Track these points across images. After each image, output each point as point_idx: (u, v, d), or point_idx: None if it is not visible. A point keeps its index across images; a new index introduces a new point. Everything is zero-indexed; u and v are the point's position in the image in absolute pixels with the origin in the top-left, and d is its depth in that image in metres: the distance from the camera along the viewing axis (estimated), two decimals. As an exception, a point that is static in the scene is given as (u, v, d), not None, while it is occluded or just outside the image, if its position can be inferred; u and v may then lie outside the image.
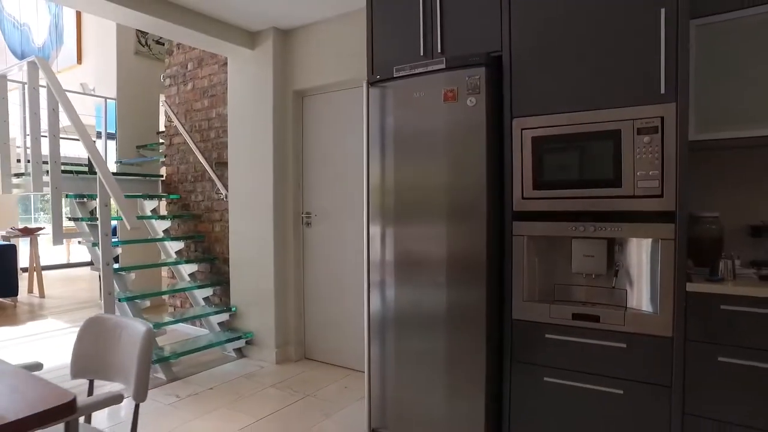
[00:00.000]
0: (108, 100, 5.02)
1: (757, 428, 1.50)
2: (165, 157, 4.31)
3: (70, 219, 3.60)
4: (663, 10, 1.59)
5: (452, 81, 1.88)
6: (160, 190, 4.35)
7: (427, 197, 1.97)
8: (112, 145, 5.11)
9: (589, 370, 1.74)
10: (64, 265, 8.59)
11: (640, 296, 1.70)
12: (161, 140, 5.16)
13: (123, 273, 3.36)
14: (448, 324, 1.94)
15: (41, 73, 3.40)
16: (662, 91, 1.60)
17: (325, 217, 3.30)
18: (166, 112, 4.27)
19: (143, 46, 5.09)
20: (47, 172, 3.69)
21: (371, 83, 2.07)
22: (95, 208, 3.75)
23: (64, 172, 3.69)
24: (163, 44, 5.25)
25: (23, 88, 4.21)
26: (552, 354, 1.81)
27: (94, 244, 3.55)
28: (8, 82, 3.85)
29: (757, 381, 1.50)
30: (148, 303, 3.66)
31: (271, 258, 3.29)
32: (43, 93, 3.55)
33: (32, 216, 10.05)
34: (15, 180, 4.01)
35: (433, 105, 1.93)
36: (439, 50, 2.04)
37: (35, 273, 5.76)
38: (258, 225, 3.36)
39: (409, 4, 2.12)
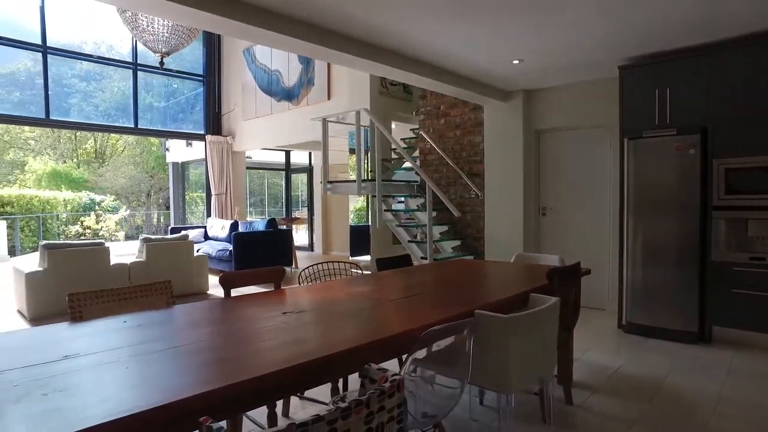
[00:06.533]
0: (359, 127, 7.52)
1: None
2: (420, 168, 6.70)
3: (386, 210, 6.06)
4: (800, 111, 3.56)
5: (681, 140, 3.96)
6: (416, 191, 6.75)
7: (663, 201, 4.06)
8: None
9: (760, 285, 3.75)
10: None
11: (786, 247, 3.68)
12: (394, 156, 7.58)
13: (433, 244, 5.76)
14: (677, 264, 4.02)
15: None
16: (799, 148, 3.57)
17: (555, 210, 5.49)
18: (420, 136, 6.66)
19: (383, 88, 7.56)
20: (363, 180, 6.19)
21: (629, 139, 4.20)
22: (393, 203, 6.21)
23: (369, 180, 6.14)
24: (396, 85, 7.69)
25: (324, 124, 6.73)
26: (736, 278, 3.84)
27: (398, 226, 6.01)
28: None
29: None
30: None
31: (521, 236, 5.52)
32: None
33: (265, 209, 13.40)
34: (329, 185, 6.60)
35: (669, 152, 4.02)
36: (667, 121, 4.11)
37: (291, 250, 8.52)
38: (510, 215, 5.61)
39: (647, 95, 4.20)
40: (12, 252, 11.04)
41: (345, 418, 1.11)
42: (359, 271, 3.40)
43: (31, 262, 5.69)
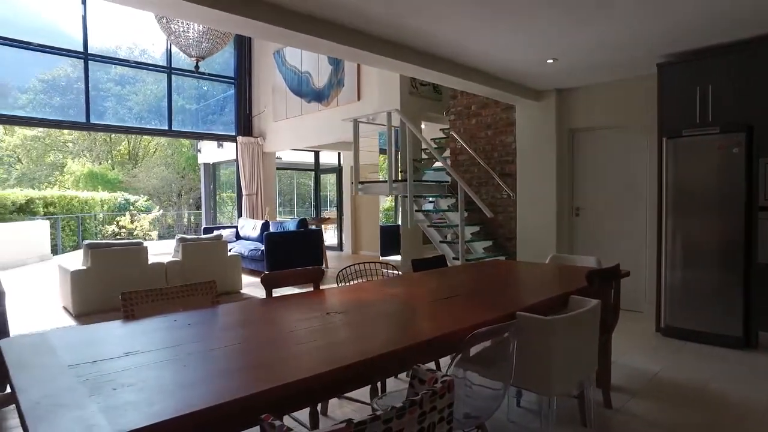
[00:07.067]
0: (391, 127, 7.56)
1: None
2: (450, 168, 6.69)
3: (417, 210, 6.08)
4: None
5: (724, 139, 3.86)
6: (446, 192, 6.75)
7: (704, 201, 3.96)
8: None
9: (806, 287, 3.63)
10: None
11: (838, 249, 3.55)
12: (424, 156, 7.59)
13: (465, 245, 5.75)
14: (720, 266, 3.92)
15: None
16: None
17: (588, 210, 5.41)
18: (451, 136, 6.65)
19: (413, 88, 7.57)
20: (393, 181, 6.22)
21: (668, 138, 4.11)
22: (424, 203, 6.21)
23: (400, 180, 6.17)
24: (426, 86, 7.70)
25: (356, 127, 6.76)
26: (783, 280, 3.72)
27: (429, 226, 6.01)
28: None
29: None
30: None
31: (554, 237, 5.47)
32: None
33: (294, 209, 13.61)
34: (360, 186, 6.65)
35: (711, 151, 3.92)
36: (709, 119, 4.01)
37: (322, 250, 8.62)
38: (542, 215, 5.55)
39: (687, 93, 4.11)
40: (54, 250, 11.50)
41: (400, 417, 1.14)
42: (395, 272, 3.44)
43: (74, 260, 5.92)
